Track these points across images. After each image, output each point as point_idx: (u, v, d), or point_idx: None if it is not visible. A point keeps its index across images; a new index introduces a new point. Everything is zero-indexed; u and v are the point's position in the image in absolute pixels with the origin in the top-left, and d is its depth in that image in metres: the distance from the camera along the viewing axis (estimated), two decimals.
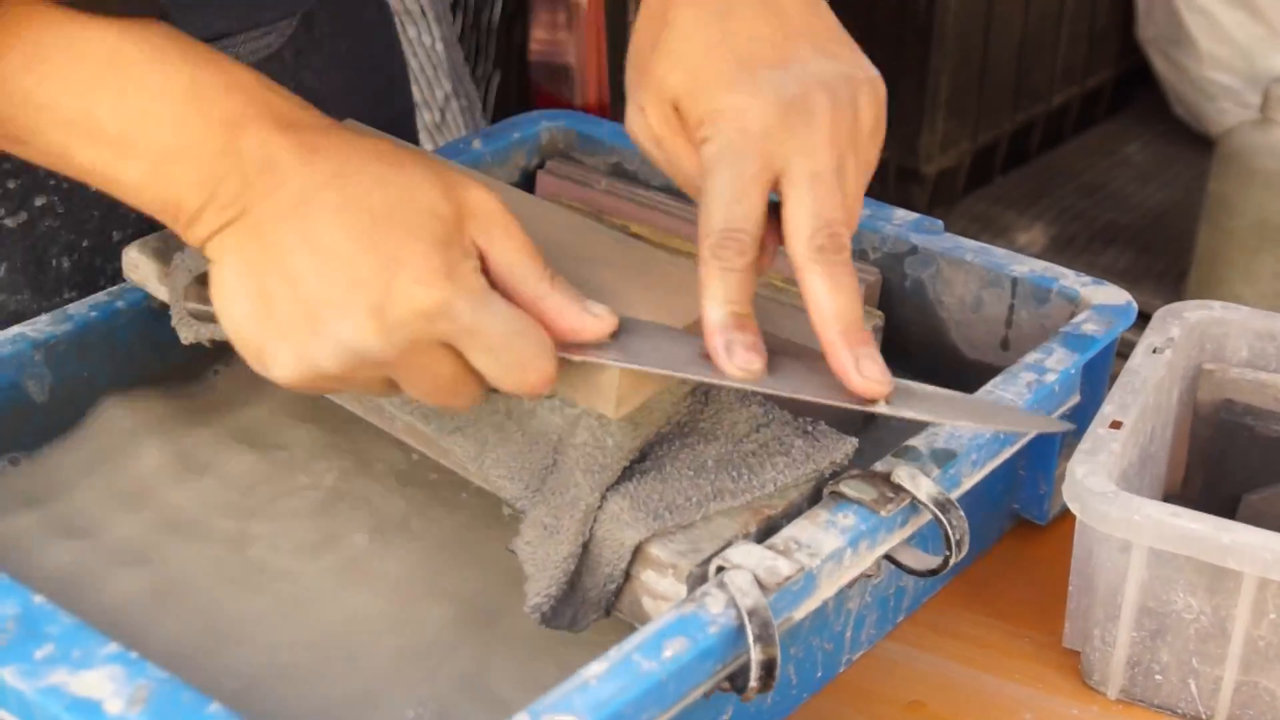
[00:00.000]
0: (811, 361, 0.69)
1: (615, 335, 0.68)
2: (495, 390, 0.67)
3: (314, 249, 0.64)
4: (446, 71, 1.78)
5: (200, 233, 0.67)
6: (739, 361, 0.67)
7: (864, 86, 0.71)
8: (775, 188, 0.69)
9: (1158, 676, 0.74)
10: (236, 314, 0.66)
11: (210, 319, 0.68)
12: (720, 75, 0.70)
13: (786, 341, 0.79)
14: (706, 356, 0.68)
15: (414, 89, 1.73)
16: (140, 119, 0.67)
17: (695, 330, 0.70)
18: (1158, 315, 0.84)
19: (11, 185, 0.67)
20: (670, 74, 0.72)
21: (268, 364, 0.66)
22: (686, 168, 0.73)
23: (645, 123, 0.73)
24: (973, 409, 0.72)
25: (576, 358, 0.68)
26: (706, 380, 0.68)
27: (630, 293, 0.73)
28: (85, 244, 0.89)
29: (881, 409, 0.68)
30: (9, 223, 0.87)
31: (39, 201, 0.69)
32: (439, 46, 1.76)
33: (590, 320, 0.67)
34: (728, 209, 0.68)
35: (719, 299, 0.68)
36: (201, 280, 0.77)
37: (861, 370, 0.67)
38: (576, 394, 0.71)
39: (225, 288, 0.66)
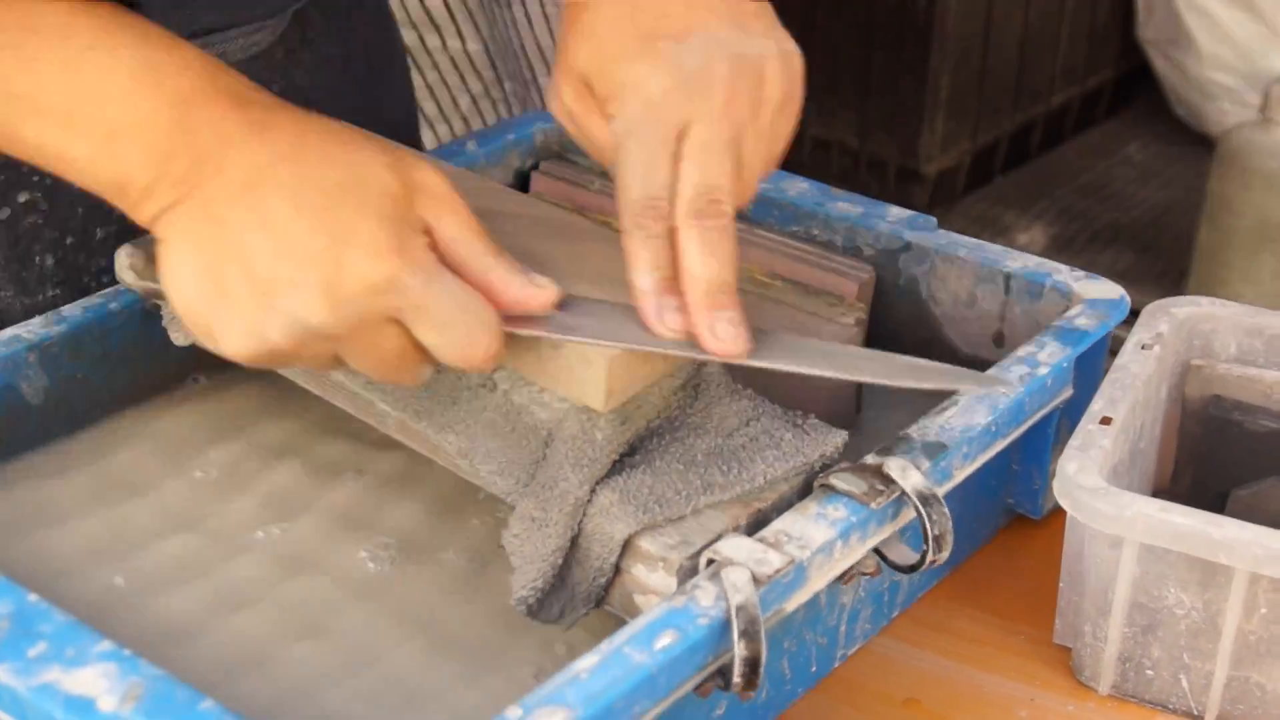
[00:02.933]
0: None
1: (561, 309, 0.69)
2: (441, 367, 0.68)
3: (265, 226, 0.65)
4: (476, 71, 1.76)
5: (149, 211, 0.67)
6: (670, 324, 0.69)
7: (773, 59, 0.73)
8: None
9: (1149, 672, 0.74)
10: (187, 291, 0.67)
11: (159, 296, 0.69)
12: (624, 49, 0.72)
13: None
14: (637, 325, 0.70)
15: (429, 103, 1.72)
16: (89, 95, 0.67)
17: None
18: (1146, 311, 0.84)
19: None
20: (579, 49, 0.74)
21: (218, 339, 0.67)
22: (599, 140, 0.74)
23: (560, 100, 0.75)
24: (886, 367, 0.73)
25: (523, 332, 0.69)
26: (645, 349, 0.70)
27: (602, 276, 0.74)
28: (69, 241, 0.89)
29: (751, 361, 0.70)
30: None
31: (22, 198, 0.69)
32: (471, 46, 1.73)
33: (534, 291, 0.69)
34: (642, 180, 0.70)
35: (647, 266, 0.70)
36: (151, 258, 0.77)
37: (716, 332, 0.69)
38: (565, 387, 0.71)
39: (174, 265, 0.67)
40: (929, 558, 0.70)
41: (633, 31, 0.72)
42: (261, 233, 0.65)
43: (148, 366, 0.86)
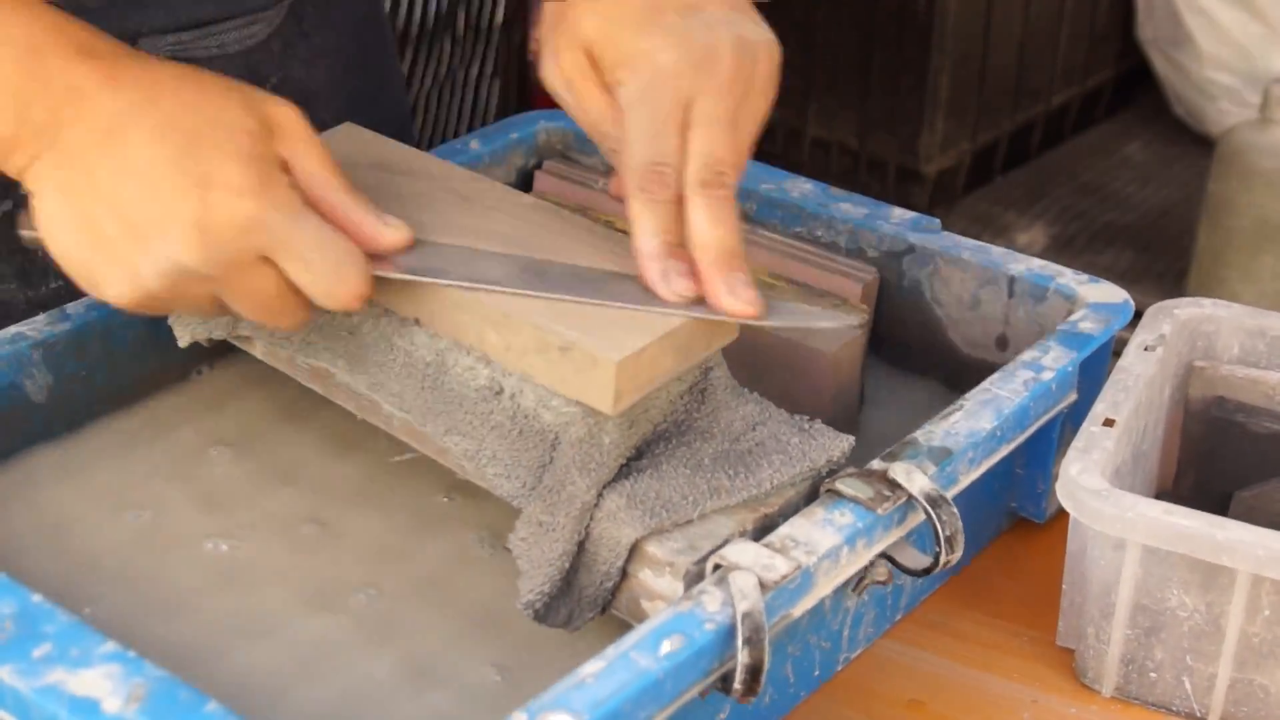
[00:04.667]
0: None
1: (420, 252, 0.72)
2: (318, 311, 0.71)
3: (130, 172, 0.67)
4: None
5: (17, 163, 0.69)
6: (676, 288, 0.71)
7: (762, 45, 0.76)
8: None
9: (1152, 674, 0.74)
10: (64, 241, 0.69)
11: (40, 245, 0.71)
12: (631, 20, 0.74)
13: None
14: (524, 274, 0.72)
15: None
16: None
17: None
18: (1149, 313, 0.84)
19: None
20: (584, 20, 0.76)
21: (100, 286, 0.69)
22: (594, 111, 0.77)
23: (558, 68, 0.77)
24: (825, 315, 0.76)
25: (388, 274, 0.71)
26: (519, 293, 0.72)
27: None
28: None
29: (757, 323, 0.72)
30: None
31: (23, 189, 0.70)
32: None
33: (385, 230, 0.71)
34: (650, 145, 0.72)
35: (650, 230, 0.71)
36: None
37: (734, 292, 0.71)
38: (572, 391, 0.71)
39: (48, 216, 0.69)
40: (943, 559, 0.70)
41: (639, 4, 0.75)
42: (128, 178, 0.67)
43: (152, 364, 0.86)
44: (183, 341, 0.82)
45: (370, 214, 0.71)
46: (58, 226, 0.69)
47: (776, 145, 2.12)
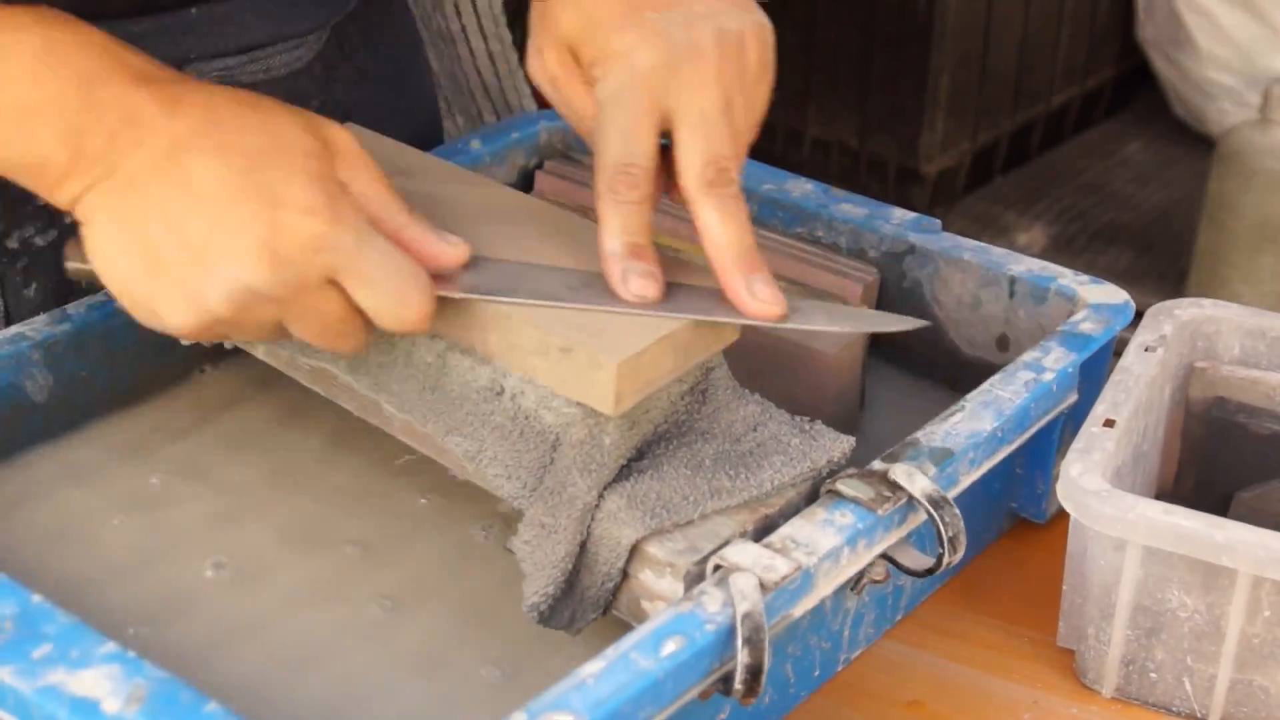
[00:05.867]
0: (711, 294, 0.72)
1: (476, 269, 0.72)
2: (379, 333, 0.70)
3: (194, 195, 0.65)
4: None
5: (70, 192, 0.68)
6: (634, 288, 0.71)
7: (750, 31, 0.75)
8: (665, 126, 0.72)
9: (1153, 675, 0.74)
10: (121, 269, 0.67)
11: (91, 277, 0.70)
12: (611, 17, 0.74)
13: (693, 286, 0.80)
14: (585, 288, 0.72)
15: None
16: None
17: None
18: (1149, 313, 0.84)
19: (40, 202, 0.69)
20: (565, 16, 0.75)
21: (162, 314, 0.68)
22: (579, 107, 0.76)
23: (543, 64, 0.77)
24: (847, 317, 0.77)
25: (451, 294, 0.70)
26: (582, 308, 0.71)
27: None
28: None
29: (779, 326, 0.72)
30: (39, 241, 0.87)
31: (69, 219, 0.70)
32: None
33: (446, 248, 0.70)
34: (620, 145, 0.71)
35: (615, 230, 0.71)
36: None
37: (755, 293, 0.71)
38: (573, 392, 0.71)
39: (103, 245, 0.67)
40: (945, 560, 0.70)
41: (619, 1, 0.74)
42: (191, 202, 0.65)
43: (152, 364, 0.86)
44: (186, 340, 0.82)
45: (431, 232, 0.70)
46: (114, 255, 0.67)
47: (776, 145, 2.12)
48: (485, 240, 0.74)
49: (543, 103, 0.86)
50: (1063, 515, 0.79)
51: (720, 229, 0.71)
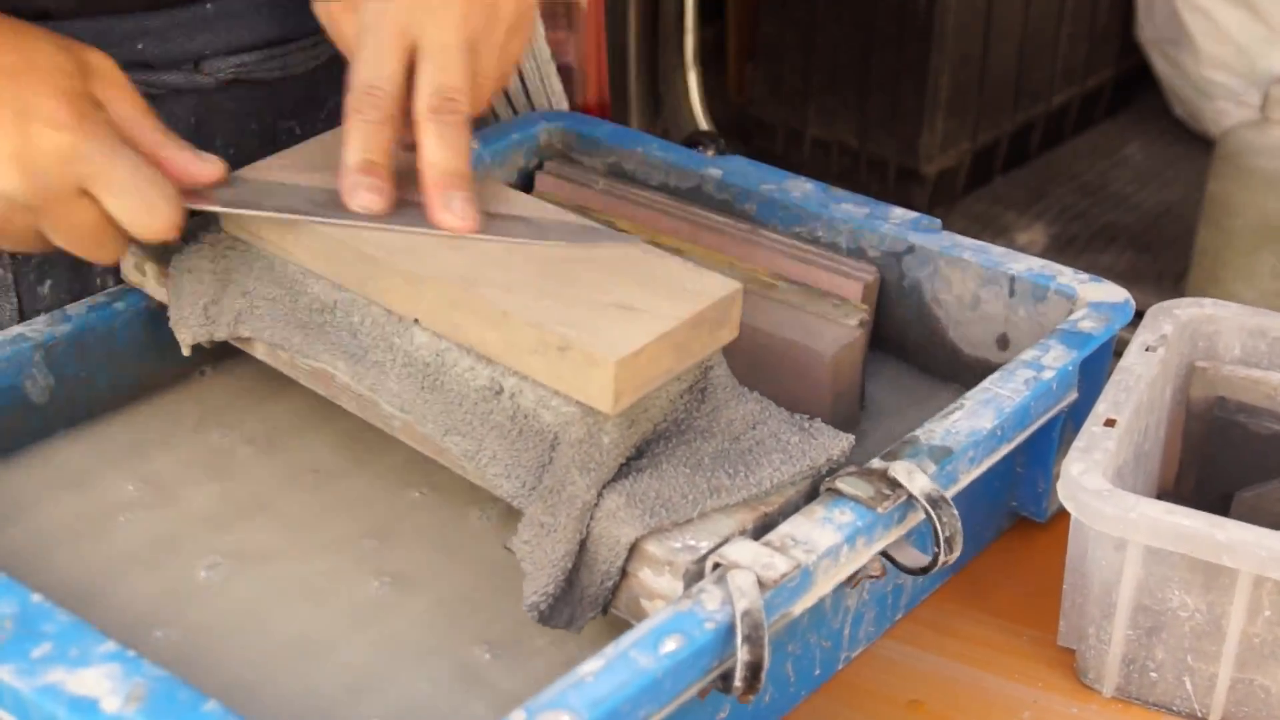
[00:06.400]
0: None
1: (232, 187, 0.77)
2: (134, 241, 0.75)
3: None
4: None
5: None
6: (361, 200, 0.77)
7: None
8: (412, 58, 0.77)
9: (1153, 674, 0.74)
10: None
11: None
12: None
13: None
14: (323, 204, 0.77)
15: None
16: None
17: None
18: (1150, 313, 0.84)
19: None
20: None
21: None
22: (347, 38, 0.81)
23: (325, 3, 0.82)
24: (559, 230, 0.79)
25: (199, 206, 0.76)
26: (319, 220, 0.76)
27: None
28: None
29: (478, 237, 0.76)
30: None
31: None
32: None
33: (201, 164, 0.76)
34: (367, 69, 0.77)
35: (355, 147, 0.77)
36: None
37: (450, 208, 0.76)
38: (572, 391, 0.71)
39: None
40: (941, 559, 0.70)
41: None
42: None
43: (152, 365, 0.86)
44: (186, 349, 0.82)
45: (185, 149, 0.75)
46: None
47: (776, 145, 2.12)
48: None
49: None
50: (1063, 514, 0.79)
51: (434, 150, 0.76)
